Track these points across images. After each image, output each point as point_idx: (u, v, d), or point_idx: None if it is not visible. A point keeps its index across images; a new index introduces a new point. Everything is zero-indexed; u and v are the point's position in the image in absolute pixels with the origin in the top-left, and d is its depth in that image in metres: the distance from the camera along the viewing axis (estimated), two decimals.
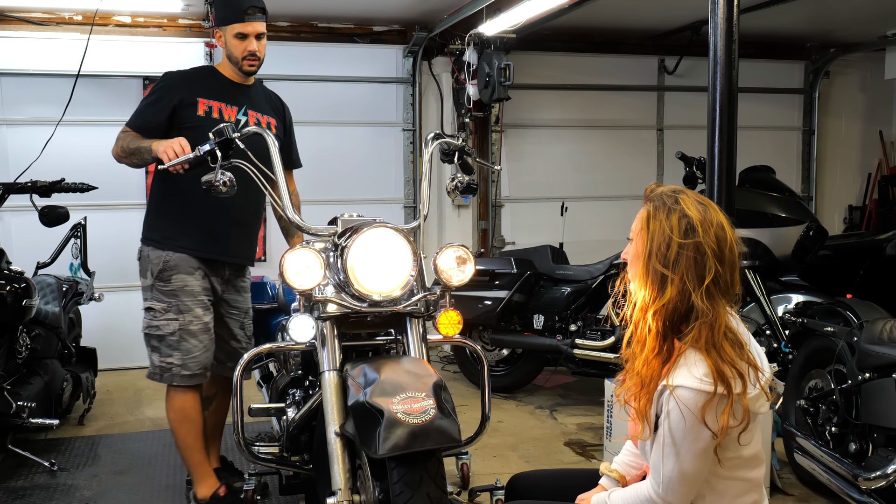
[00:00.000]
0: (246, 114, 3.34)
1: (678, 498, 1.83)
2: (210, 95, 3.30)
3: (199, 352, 3.29)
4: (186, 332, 3.27)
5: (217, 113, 3.29)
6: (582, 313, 5.09)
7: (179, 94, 3.25)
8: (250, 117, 3.34)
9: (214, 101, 3.30)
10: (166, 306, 3.27)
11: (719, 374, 1.75)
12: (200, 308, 3.30)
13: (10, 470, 3.96)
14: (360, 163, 6.70)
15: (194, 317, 3.28)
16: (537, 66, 7.10)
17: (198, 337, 3.29)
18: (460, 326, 2.72)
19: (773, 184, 4.93)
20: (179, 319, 3.26)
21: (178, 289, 3.27)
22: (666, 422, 1.80)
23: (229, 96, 3.34)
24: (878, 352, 3.12)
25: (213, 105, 3.30)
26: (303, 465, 2.89)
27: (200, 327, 3.29)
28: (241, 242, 3.44)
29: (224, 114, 3.29)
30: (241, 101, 3.36)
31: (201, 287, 3.31)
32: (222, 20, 3.29)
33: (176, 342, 3.27)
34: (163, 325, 3.27)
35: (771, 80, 7.73)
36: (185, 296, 3.28)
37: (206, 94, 3.29)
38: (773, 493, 3.64)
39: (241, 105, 3.35)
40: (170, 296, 3.27)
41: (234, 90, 3.36)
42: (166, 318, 3.27)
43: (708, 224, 1.83)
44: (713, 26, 3.32)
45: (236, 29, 3.25)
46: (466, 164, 3.09)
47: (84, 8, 5.92)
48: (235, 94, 3.36)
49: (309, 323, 2.57)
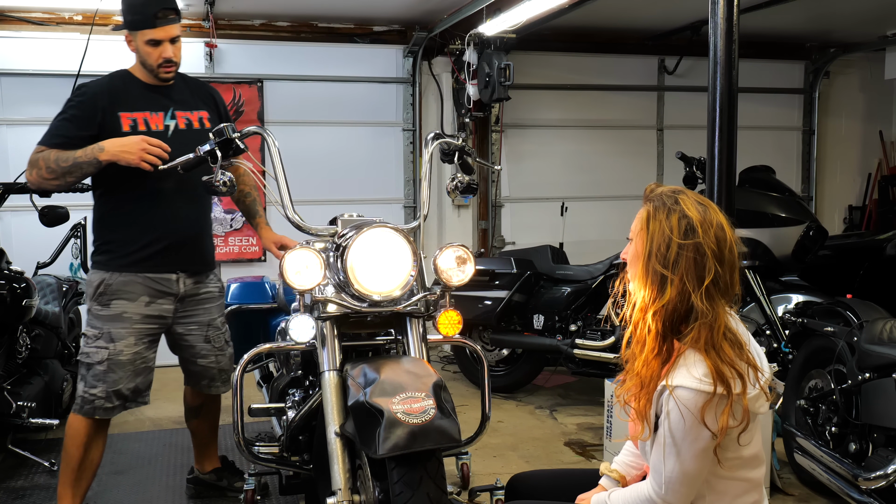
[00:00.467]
0: (174, 116, 3.14)
1: (678, 498, 1.83)
2: (131, 107, 3.08)
3: (125, 384, 3.08)
4: (114, 362, 3.05)
5: (143, 125, 3.08)
6: (582, 313, 5.09)
7: (100, 109, 3.03)
8: (179, 119, 3.14)
9: (137, 113, 3.08)
10: (98, 332, 3.06)
11: (719, 375, 1.76)
12: (135, 337, 3.08)
13: (10, 470, 3.96)
14: (360, 163, 6.70)
15: (125, 346, 3.06)
16: (537, 66, 7.10)
17: (125, 368, 3.07)
18: (460, 326, 2.71)
19: (773, 184, 4.93)
20: (109, 348, 3.04)
21: (116, 315, 3.05)
22: (666, 422, 1.80)
23: (151, 102, 3.12)
24: (878, 352, 3.11)
25: (137, 117, 3.08)
26: (303, 465, 2.89)
27: (130, 358, 3.07)
28: (192, 252, 3.22)
29: (150, 123, 3.09)
30: (164, 104, 3.15)
31: (142, 315, 3.09)
32: (131, 25, 3.07)
33: (102, 373, 3.04)
34: (92, 352, 3.05)
35: (771, 80, 7.73)
36: (121, 323, 3.05)
37: (127, 107, 3.08)
38: (773, 493, 3.63)
39: (166, 108, 3.14)
40: (104, 321, 3.06)
41: (154, 94, 3.14)
42: (96, 345, 3.05)
43: (708, 225, 1.82)
44: (713, 26, 3.32)
45: (147, 35, 3.03)
46: (466, 164, 3.08)
47: (84, 8, 5.92)
48: (157, 98, 3.14)
49: (309, 323, 2.57)
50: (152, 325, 3.14)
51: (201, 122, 3.19)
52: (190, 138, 2.95)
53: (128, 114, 3.06)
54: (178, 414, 4.97)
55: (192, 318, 3.27)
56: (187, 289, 3.22)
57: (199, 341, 3.31)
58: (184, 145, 2.91)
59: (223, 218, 6.34)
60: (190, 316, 3.27)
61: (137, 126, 3.05)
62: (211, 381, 3.40)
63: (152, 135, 3.02)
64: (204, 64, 6.24)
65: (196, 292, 3.27)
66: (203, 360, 3.34)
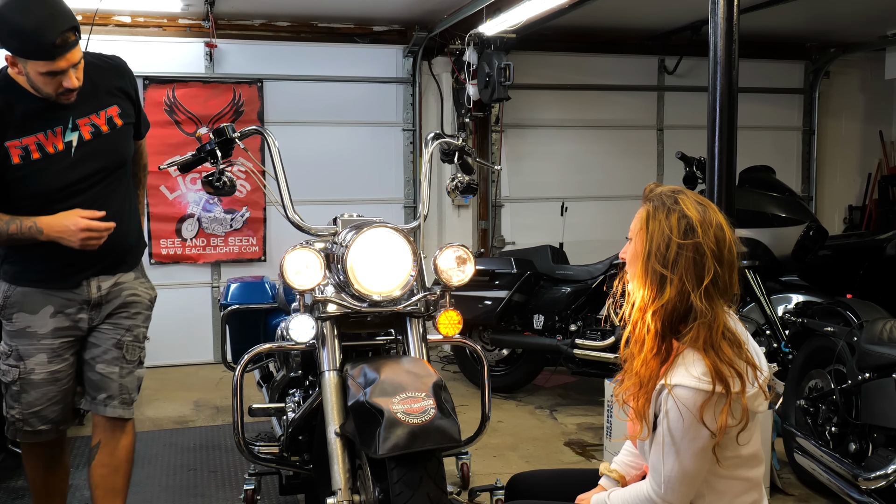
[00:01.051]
0: (76, 127, 2.60)
1: (678, 497, 1.83)
2: (19, 132, 2.52)
3: (42, 405, 2.71)
4: (27, 382, 2.69)
5: (37, 150, 2.54)
6: (582, 313, 5.09)
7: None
8: (82, 129, 2.62)
9: (28, 138, 2.53)
10: (8, 350, 2.72)
11: (717, 374, 1.76)
12: (46, 354, 2.68)
13: (10, 470, 3.96)
14: (360, 163, 6.70)
15: (36, 364, 2.68)
16: (537, 66, 7.10)
17: (40, 388, 2.69)
18: (460, 326, 2.72)
19: (773, 184, 4.94)
20: (19, 367, 2.69)
21: (20, 330, 2.69)
22: (665, 421, 1.81)
23: (45, 118, 2.55)
24: (878, 352, 3.12)
25: (29, 142, 2.53)
26: (303, 465, 2.89)
27: (44, 377, 2.69)
28: (104, 251, 2.67)
29: (46, 147, 2.55)
30: (61, 116, 2.58)
31: (49, 329, 2.68)
32: (19, 52, 2.42)
33: (17, 393, 2.71)
34: (4, 370, 2.73)
35: (771, 80, 7.73)
36: (27, 339, 2.68)
37: (14, 132, 2.52)
38: (773, 493, 3.64)
39: (64, 121, 2.58)
40: (12, 337, 2.71)
41: (47, 107, 2.56)
42: (7, 363, 2.72)
43: (707, 224, 1.83)
44: (713, 26, 3.32)
45: (43, 67, 2.42)
46: (466, 164, 3.09)
47: (84, 8, 5.91)
48: (51, 111, 2.57)
49: (309, 323, 2.57)
50: (66, 338, 2.72)
51: (111, 123, 2.68)
52: (101, 147, 2.60)
53: (16, 142, 2.51)
54: (178, 414, 4.99)
55: (108, 318, 2.78)
56: (103, 293, 2.75)
57: (108, 343, 2.76)
58: (95, 157, 2.61)
59: (223, 218, 6.34)
60: (107, 322, 2.78)
61: (30, 155, 2.53)
62: (109, 397, 2.77)
63: (51, 158, 2.55)
64: (204, 64, 6.24)
65: (117, 295, 2.77)
66: (104, 368, 2.76)
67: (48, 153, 2.56)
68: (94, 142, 2.65)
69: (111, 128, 2.68)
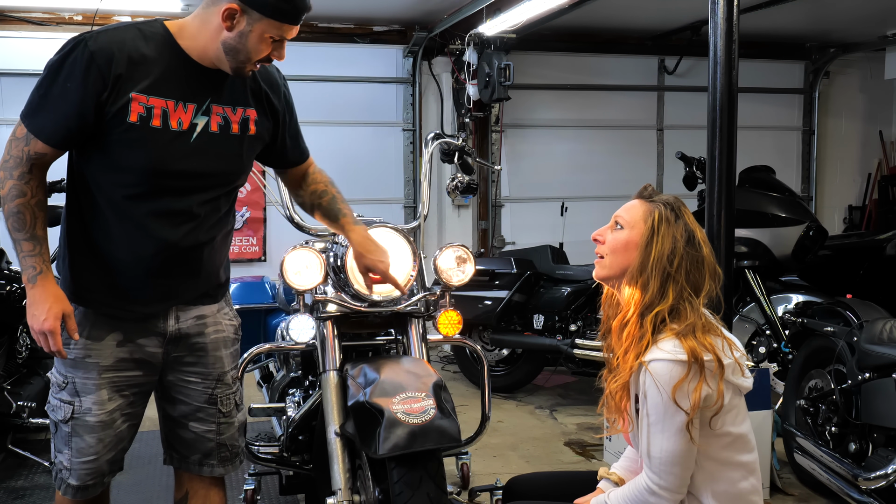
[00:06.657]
0: (208, 111, 2.15)
1: (673, 480, 1.86)
2: (152, 88, 2.06)
3: (94, 455, 2.21)
4: (80, 424, 2.18)
5: (159, 118, 2.07)
6: (582, 313, 5.09)
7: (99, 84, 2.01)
8: (213, 116, 2.16)
9: (157, 99, 2.07)
10: (62, 381, 2.21)
11: (689, 347, 1.83)
12: (108, 390, 2.19)
13: (10, 470, 3.96)
14: (360, 163, 6.70)
15: (94, 403, 2.18)
16: (537, 66, 7.10)
17: (96, 433, 2.19)
18: (460, 326, 2.72)
19: (773, 184, 4.94)
20: (73, 404, 2.19)
21: (79, 359, 2.18)
22: (645, 404, 1.86)
23: (185, 88, 2.11)
24: (878, 352, 3.12)
25: (156, 104, 2.06)
26: (303, 465, 2.89)
27: (101, 420, 2.19)
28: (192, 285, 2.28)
29: (171, 119, 2.08)
30: (201, 92, 2.14)
31: (116, 358, 2.19)
32: (264, 8, 2.06)
33: (67, 436, 2.21)
34: (56, 406, 2.23)
35: (771, 80, 7.73)
36: (86, 370, 2.18)
37: (148, 87, 2.06)
38: (773, 493, 3.63)
39: (201, 100, 2.14)
40: (67, 367, 2.20)
41: (198, 78, 2.13)
42: (59, 397, 2.21)
43: (703, 239, 1.96)
44: (713, 26, 3.32)
45: (275, 30, 2.11)
46: (466, 164, 3.09)
47: (84, 8, 5.92)
48: (196, 82, 2.13)
49: (309, 323, 2.58)
50: (133, 373, 2.23)
51: (244, 126, 2.23)
52: (223, 147, 2.18)
53: (142, 97, 2.05)
54: None
55: (193, 366, 2.31)
56: (182, 325, 2.27)
57: (199, 399, 2.32)
58: (213, 156, 2.17)
59: None
60: (189, 365, 2.30)
61: (150, 119, 2.06)
62: (205, 457, 2.35)
63: (170, 133, 2.10)
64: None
65: (199, 332, 2.30)
66: (198, 426, 2.33)
67: (169, 126, 2.09)
68: (218, 137, 2.17)
69: (242, 130, 2.22)
